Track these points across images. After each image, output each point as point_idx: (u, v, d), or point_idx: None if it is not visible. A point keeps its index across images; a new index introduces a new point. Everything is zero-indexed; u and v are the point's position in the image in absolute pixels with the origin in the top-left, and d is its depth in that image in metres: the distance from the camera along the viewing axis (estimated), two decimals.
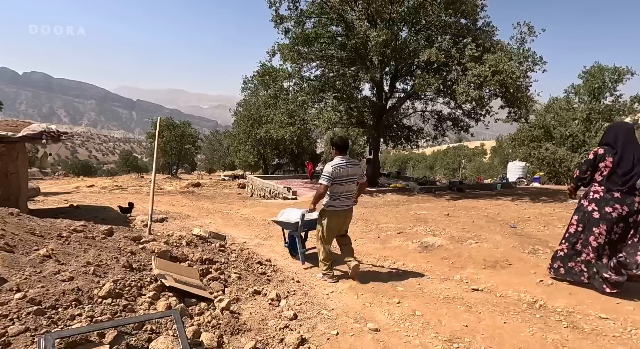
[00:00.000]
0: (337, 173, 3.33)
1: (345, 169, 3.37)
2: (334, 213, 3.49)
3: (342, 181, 3.37)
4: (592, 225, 3.08)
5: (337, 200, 3.44)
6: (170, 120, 33.50)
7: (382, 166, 55.44)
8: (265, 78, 15.36)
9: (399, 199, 10.68)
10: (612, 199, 2.99)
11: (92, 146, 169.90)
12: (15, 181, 5.27)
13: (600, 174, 3.10)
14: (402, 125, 15.97)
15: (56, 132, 5.88)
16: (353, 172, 3.43)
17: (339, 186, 3.38)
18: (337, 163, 3.38)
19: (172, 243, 3.21)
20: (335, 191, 3.40)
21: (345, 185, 3.41)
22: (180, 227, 6.57)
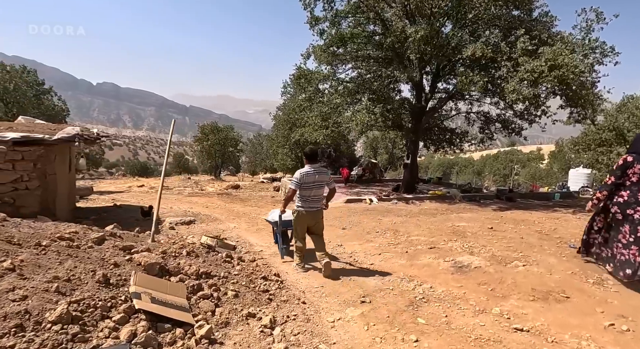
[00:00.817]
0: (304, 179, 3.87)
1: (312, 176, 3.90)
2: (303, 214, 4.05)
3: (309, 186, 3.89)
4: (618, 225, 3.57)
5: (306, 202, 3.99)
6: (215, 125, 35.00)
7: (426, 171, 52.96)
8: (300, 82, 15.28)
9: (437, 208, 9.82)
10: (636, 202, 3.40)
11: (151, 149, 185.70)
12: (53, 182, 5.57)
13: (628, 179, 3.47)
14: (444, 128, 14.89)
15: (92, 134, 6.15)
16: (320, 179, 3.96)
17: (307, 191, 3.92)
18: (306, 171, 3.93)
19: (170, 253, 3.03)
20: (303, 195, 3.96)
21: (313, 189, 3.93)
22: (204, 231, 6.53)
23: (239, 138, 36.88)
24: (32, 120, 9.10)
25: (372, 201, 10.66)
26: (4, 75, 16.76)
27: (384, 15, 11.68)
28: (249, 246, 5.26)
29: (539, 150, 66.52)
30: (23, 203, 5.39)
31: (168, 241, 3.65)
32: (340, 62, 12.95)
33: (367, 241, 5.75)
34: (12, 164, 5.23)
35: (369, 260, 4.69)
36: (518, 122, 13.30)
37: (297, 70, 15.44)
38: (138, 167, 56.67)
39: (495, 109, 13.67)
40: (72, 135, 5.28)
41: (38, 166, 5.42)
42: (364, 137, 15.35)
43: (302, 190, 3.93)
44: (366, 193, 13.11)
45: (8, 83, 16.98)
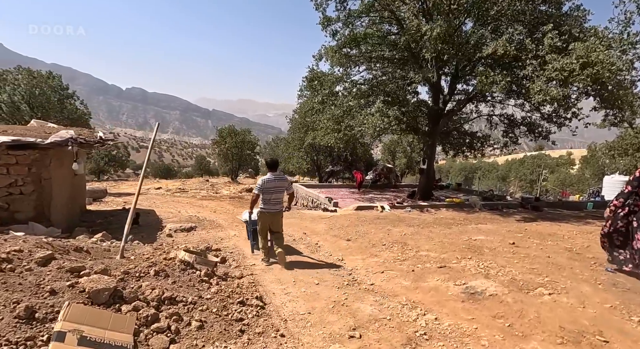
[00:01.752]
0: (265, 185, 4.51)
1: (273, 182, 4.54)
2: (264, 214, 4.66)
3: (270, 191, 4.54)
4: None
5: (267, 204, 4.59)
6: (232, 128, 35.32)
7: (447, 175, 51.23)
8: (313, 84, 14.95)
9: (453, 217, 9.13)
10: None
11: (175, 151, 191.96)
12: (48, 187, 5.46)
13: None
14: (463, 131, 14.10)
15: (92, 138, 6.01)
16: (280, 184, 4.63)
17: (268, 195, 4.55)
18: (267, 178, 4.57)
19: (134, 274, 2.69)
20: (265, 198, 4.57)
21: (273, 194, 4.57)
22: (201, 239, 6.25)
23: (255, 141, 37.05)
24: (45, 124, 9.22)
25: (384, 208, 10.10)
26: (31, 81, 17.49)
27: (399, 13, 11.16)
28: (241, 259, 4.90)
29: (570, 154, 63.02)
30: (17, 208, 5.29)
31: (142, 256, 3.34)
32: (353, 63, 12.50)
33: (372, 255, 5.25)
34: (7, 168, 5.15)
35: (369, 279, 4.21)
36: (545, 125, 12.34)
37: (310, 72, 15.15)
38: (162, 168, 58.49)
39: (520, 112, 12.78)
40: (65, 139, 5.14)
41: (33, 170, 5.32)
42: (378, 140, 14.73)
43: (264, 194, 4.57)
44: (379, 199, 12.54)
45: (34, 89, 17.69)
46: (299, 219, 8.75)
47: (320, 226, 7.59)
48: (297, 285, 3.90)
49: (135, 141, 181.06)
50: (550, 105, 9.64)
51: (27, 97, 17.65)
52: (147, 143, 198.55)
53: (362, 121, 10.86)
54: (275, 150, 47.28)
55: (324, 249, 5.74)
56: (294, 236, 6.71)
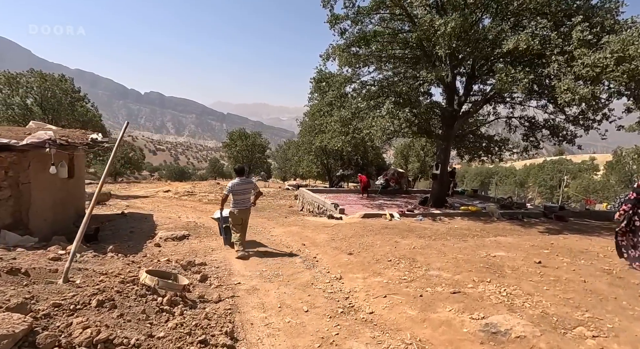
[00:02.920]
0: (234, 188, 5.45)
1: (240, 185, 5.48)
2: (235, 212, 5.50)
3: (238, 192, 5.48)
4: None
5: (237, 204, 5.50)
6: (243, 131, 35.27)
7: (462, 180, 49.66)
8: (321, 85, 14.47)
9: (469, 227, 8.37)
10: None
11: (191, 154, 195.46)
12: (26, 192, 5.10)
13: None
14: (480, 135, 13.26)
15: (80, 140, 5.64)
16: (245, 187, 5.56)
17: (237, 196, 5.48)
18: (235, 182, 5.49)
19: (67, 306, 2.17)
20: (235, 199, 5.50)
21: (241, 195, 5.51)
22: (191, 250, 5.76)
23: (266, 144, 36.81)
24: (43, 125, 9.00)
25: (392, 216, 9.41)
26: (43, 83, 17.68)
27: (410, 10, 10.54)
28: (227, 276, 4.36)
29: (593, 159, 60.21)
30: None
31: (94, 278, 2.83)
32: (362, 63, 11.91)
33: (375, 273, 4.62)
34: None
35: (369, 305, 3.59)
36: (570, 128, 11.40)
37: (318, 73, 14.69)
38: (177, 171, 59.25)
39: (542, 114, 11.87)
40: (42, 140, 4.77)
41: (10, 174, 4.97)
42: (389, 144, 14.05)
43: (233, 195, 5.52)
44: (389, 206, 11.83)
45: (47, 91, 17.87)
46: (301, 227, 8.18)
47: (322, 236, 6.99)
48: (283, 312, 3.32)
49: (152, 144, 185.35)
50: (578, 105, 8.79)
51: (40, 100, 17.84)
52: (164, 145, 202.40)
53: (370, 123, 10.24)
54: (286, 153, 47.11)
55: (322, 264, 5.15)
56: (291, 248, 6.14)
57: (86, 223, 3.16)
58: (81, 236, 3.02)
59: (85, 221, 3.16)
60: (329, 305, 3.57)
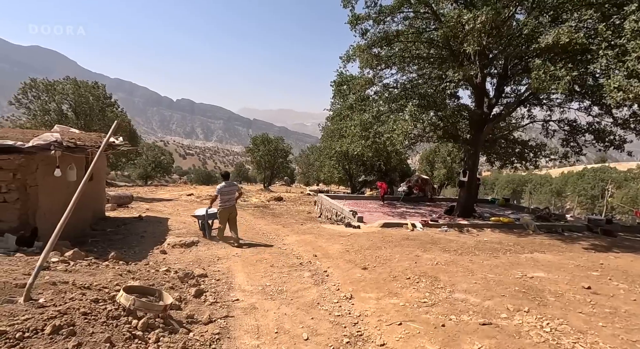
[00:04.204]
0: (221, 190, 6.75)
1: (226, 188, 6.80)
2: (222, 209, 6.77)
3: (225, 193, 6.75)
4: None
5: (224, 203, 6.74)
6: (266, 136, 35.43)
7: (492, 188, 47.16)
8: (342, 88, 14.07)
9: (500, 241, 7.56)
10: None
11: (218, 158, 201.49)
12: (34, 195, 5.04)
13: None
14: (512, 140, 12.28)
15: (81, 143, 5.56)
16: (230, 189, 6.90)
17: (224, 196, 6.74)
18: (222, 185, 6.83)
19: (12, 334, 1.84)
20: (222, 199, 6.73)
21: (227, 195, 6.79)
22: (195, 259, 5.47)
23: (288, 149, 36.77)
24: (67, 129, 9.20)
25: (415, 226, 8.76)
26: (77, 90, 18.56)
27: (436, 8, 9.94)
28: (225, 291, 3.99)
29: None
30: (1, 218, 4.90)
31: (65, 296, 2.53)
32: (384, 64, 11.40)
33: (390, 294, 4.08)
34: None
35: (380, 335, 3.07)
36: (619, 132, 10.22)
37: (339, 76, 14.31)
38: (204, 175, 60.99)
39: (585, 116, 10.76)
40: (48, 143, 4.69)
41: (18, 176, 4.92)
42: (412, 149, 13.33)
43: (221, 195, 6.69)
44: (412, 214, 11.13)
45: (80, 98, 18.74)
46: (315, 236, 7.74)
47: (336, 247, 6.50)
48: (278, 340, 2.88)
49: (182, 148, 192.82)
50: (630, 106, 7.80)
51: (74, 105, 18.74)
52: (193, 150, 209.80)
53: (392, 127, 9.67)
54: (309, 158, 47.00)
55: (332, 280, 4.67)
56: (302, 259, 5.71)
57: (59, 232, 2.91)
58: (51, 247, 2.77)
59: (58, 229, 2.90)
60: (334, 332, 3.09)
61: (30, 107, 17.81)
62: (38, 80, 18.44)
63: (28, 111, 17.76)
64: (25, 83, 18.14)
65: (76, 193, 3.10)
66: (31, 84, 18.18)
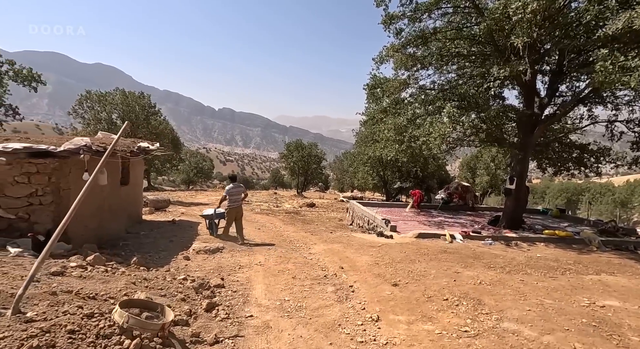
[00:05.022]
0: (230, 191, 7.35)
1: (234, 189, 7.40)
2: (230, 209, 7.34)
3: (233, 194, 7.34)
4: None
5: (232, 202, 7.34)
6: (299, 142, 35.66)
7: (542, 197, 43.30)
8: (375, 92, 13.56)
9: (557, 258, 6.57)
10: None
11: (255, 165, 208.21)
12: (66, 198, 5.18)
13: None
14: (569, 143, 10.96)
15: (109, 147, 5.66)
16: (238, 190, 7.46)
17: (232, 196, 7.34)
18: (230, 186, 7.44)
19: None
20: (230, 199, 7.33)
21: (234, 195, 7.36)
22: (217, 266, 5.29)
23: (322, 155, 36.67)
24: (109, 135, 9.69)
25: (454, 238, 7.97)
26: (125, 99, 19.93)
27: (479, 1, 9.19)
28: (241, 305, 3.70)
29: None
30: (37, 219, 5.08)
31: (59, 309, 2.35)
32: (420, 64, 10.77)
33: (424, 317, 3.54)
34: (28, 177, 4.99)
35: None
36: None
37: (372, 79, 13.81)
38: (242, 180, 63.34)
39: None
40: (78, 147, 4.80)
41: (52, 180, 5.09)
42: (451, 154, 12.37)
43: (229, 196, 7.27)
44: (450, 224, 10.25)
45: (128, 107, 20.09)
46: (344, 246, 7.29)
47: (364, 258, 6.01)
48: None
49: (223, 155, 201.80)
50: None
51: (122, 114, 20.11)
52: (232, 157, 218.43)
53: (428, 130, 9.00)
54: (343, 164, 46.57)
55: (357, 296, 4.20)
56: (326, 271, 5.30)
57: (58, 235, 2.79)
58: (47, 252, 2.65)
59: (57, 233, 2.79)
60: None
61: (85, 116, 19.40)
62: (92, 92, 20.07)
63: (83, 120, 19.35)
64: (82, 95, 19.82)
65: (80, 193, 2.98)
66: (86, 96, 19.82)
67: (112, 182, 7.08)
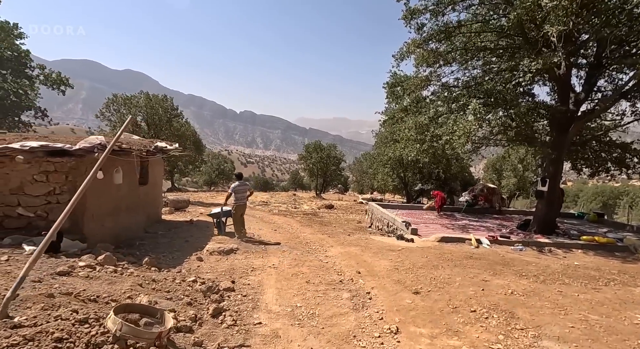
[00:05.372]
0: (236, 188, 7.53)
1: (240, 186, 7.59)
2: (237, 206, 7.52)
3: (239, 191, 7.55)
4: None
5: (238, 200, 7.52)
6: (318, 143, 35.49)
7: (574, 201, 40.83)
8: (395, 90, 13.14)
9: (598, 267, 5.96)
10: None
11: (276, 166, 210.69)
12: (82, 196, 5.18)
13: None
14: (608, 142, 10.11)
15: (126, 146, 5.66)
16: (244, 188, 7.70)
17: (238, 194, 7.54)
18: (236, 184, 7.63)
19: None
20: (237, 196, 7.53)
21: (240, 193, 7.56)
22: (230, 268, 5.13)
23: (341, 156, 36.32)
24: (130, 136, 9.85)
25: (480, 243, 7.46)
26: (149, 102, 20.50)
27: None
28: (249, 311, 3.48)
29: None
30: (54, 218, 5.08)
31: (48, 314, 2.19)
32: (443, 60, 10.29)
33: (449, 331, 3.19)
34: (46, 176, 5.04)
35: None
36: None
37: (392, 77, 13.41)
38: (262, 182, 64.11)
39: None
40: (92, 145, 4.80)
41: (69, 179, 5.12)
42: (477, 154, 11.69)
43: (235, 193, 7.50)
44: (476, 228, 9.67)
45: (151, 110, 20.64)
46: (362, 249, 6.97)
47: (383, 263, 5.68)
48: None
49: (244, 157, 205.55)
50: None
51: (146, 117, 20.69)
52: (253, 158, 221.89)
53: (451, 128, 8.52)
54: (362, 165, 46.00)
55: (375, 305, 3.90)
56: (342, 276, 5.01)
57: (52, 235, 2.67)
58: (40, 253, 2.54)
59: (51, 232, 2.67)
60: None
61: (111, 119, 20.09)
62: (118, 95, 20.78)
63: (110, 122, 20.05)
64: (109, 99, 20.56)
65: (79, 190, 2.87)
66: (113, 99, 20.54)
67: (130, 182, 7.13)
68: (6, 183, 4.84)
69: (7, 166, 4.75)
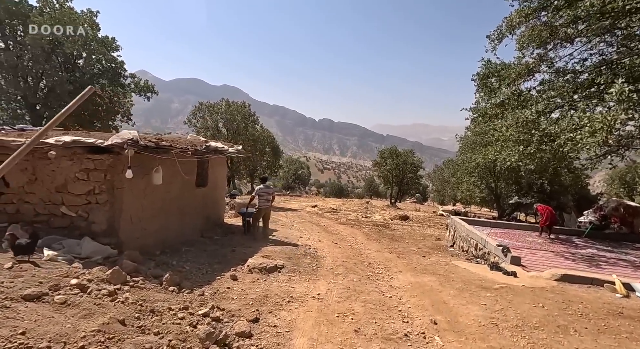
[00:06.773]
0: (260, 192, 7.66)
1: (264, 190, 7.71)
2: (260, 208, 7.69)
3: (262, 194, 7.64)
4: None
5: (261, 202, 7.65)
6: (394, 149, 33.26)
7: None
8: (489, 82, 10.75)
9: None
10: None
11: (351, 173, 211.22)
12: (119, 197, 4.82)
13: None
14: None
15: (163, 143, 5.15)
16: (268, 191, 7.80)
17: (262, 197, 7.64)
18: (260, 187, 7.76)
19: None
20: (260, 199, 7.63)
21: (264, 196, 7.66)
22: (261, 296, 4.08)
23: (419, 163, 33.38)
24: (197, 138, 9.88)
25: (632, 289, 4.99)
26: (228, 108, 21.66)
27: None
28: None
29: None
30: (94, 219, 4.83)
31: None
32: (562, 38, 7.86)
33: None
34: (87, 174, 4.79)
35: None
36: None
37: (484, 65, 11.02)
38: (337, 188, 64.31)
39: None
40: (123, 141, 4.35)
41: (107, 177, 4.79)
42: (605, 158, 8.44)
43: (259, 196, 7.67)
44: (612, 262, 6.87)
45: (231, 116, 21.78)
46: (441, 280, 5.24)
47: (473, 310, 3.94)
48: None
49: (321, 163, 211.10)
50: None
51: (227, 124, 21.91)
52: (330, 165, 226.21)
53: (577, 122, 6.12)
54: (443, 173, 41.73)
55: None
56: (409, 326, 3.50)
57: None
58: None
59: None
60: None
61: (196, 125, 21.81)
62: (203, 103, 22.49)
63: (195, 128, 21.77)
64: (195, 107, 22.41)
65: None
66: (199, 107, 22.31)
67: (184, 183, 6.81)
68: (52, 180, 4.73)
69: (53, 162, 4.63)
